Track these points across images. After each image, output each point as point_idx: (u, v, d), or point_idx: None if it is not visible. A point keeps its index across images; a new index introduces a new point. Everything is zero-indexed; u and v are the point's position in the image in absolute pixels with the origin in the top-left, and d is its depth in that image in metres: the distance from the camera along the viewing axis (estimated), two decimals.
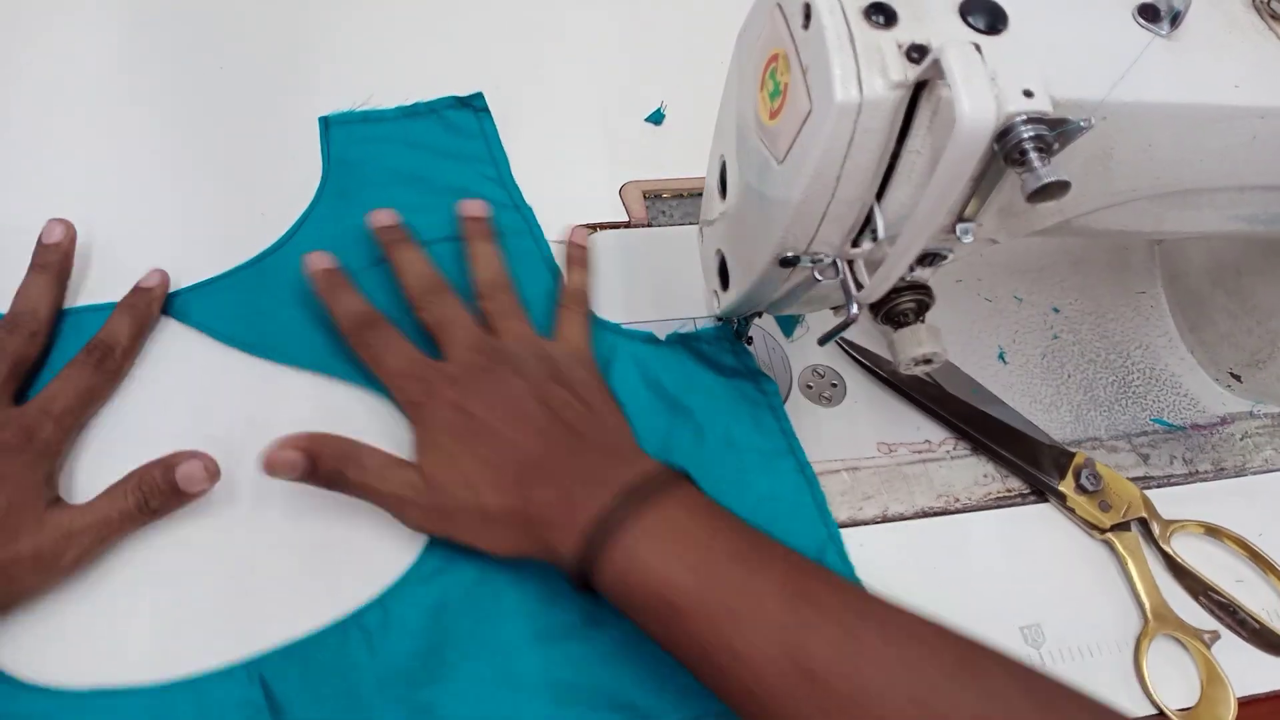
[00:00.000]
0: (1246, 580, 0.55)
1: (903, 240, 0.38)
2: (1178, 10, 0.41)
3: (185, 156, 0.63)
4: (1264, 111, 0.42)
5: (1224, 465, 0.60)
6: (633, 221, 0.64)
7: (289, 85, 0.67)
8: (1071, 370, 0.62)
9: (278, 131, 0.64)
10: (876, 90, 0.36)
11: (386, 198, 0.60)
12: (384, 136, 0.64)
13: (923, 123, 0.37)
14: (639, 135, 0.68)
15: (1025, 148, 0.34)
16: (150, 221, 0.59)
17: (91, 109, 0.64)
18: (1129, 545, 0.54)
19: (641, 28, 0.75)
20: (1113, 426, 0.60)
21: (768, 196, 0.42)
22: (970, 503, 0.56)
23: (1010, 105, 0.34)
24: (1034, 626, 0.52)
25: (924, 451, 0.57)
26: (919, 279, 0.44)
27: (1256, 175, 0.45)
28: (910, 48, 0.36)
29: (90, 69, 0.66)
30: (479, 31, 0.72)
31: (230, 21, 0.70)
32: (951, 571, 0.53)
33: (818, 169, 0.38)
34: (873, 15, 0.37)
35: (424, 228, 0.58)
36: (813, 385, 0.59)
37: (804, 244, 0.42)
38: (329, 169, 0.62)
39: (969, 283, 0.65)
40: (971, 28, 0.37)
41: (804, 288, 0.47)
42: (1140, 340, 0.65)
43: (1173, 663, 0.52)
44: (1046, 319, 0.65)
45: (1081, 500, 0.55)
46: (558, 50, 0.72)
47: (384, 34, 0.71)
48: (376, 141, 0.64)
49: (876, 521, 0.54)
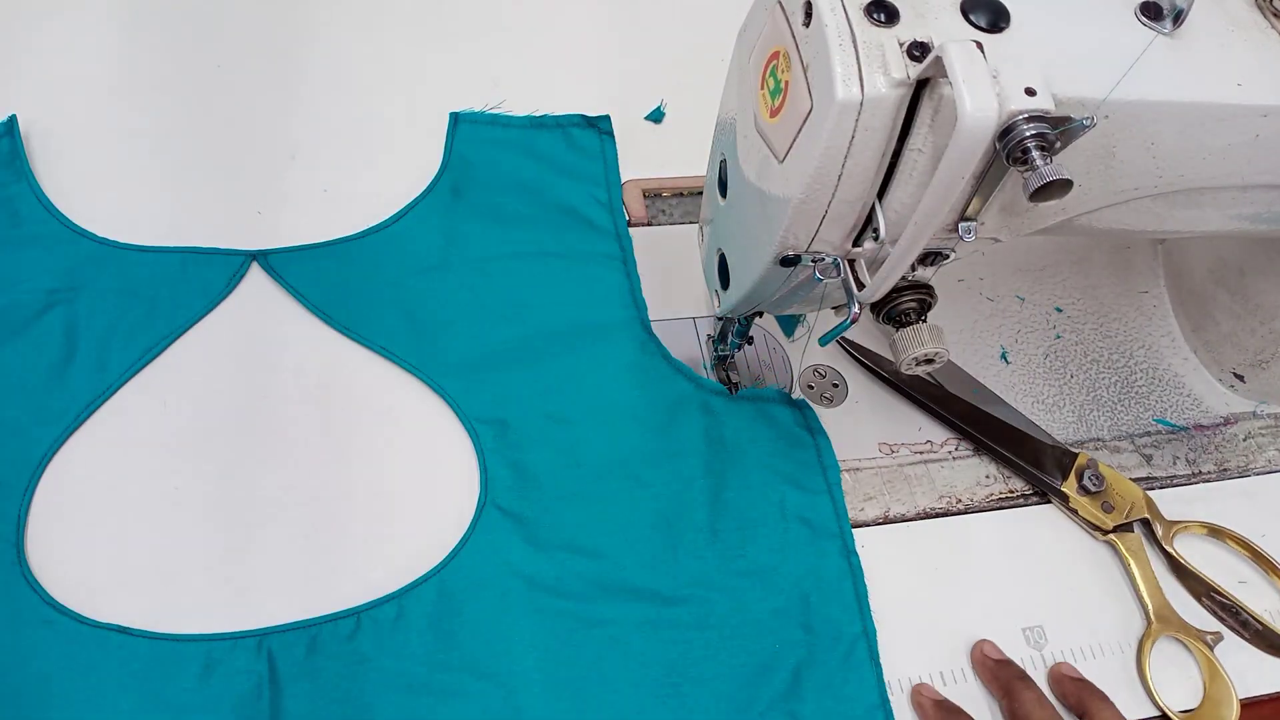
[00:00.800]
0: (1250, 581, 0.55)
1: (904, 239, 0.38)
2: (1180, 8, 0.41)
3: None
4: (1267, 110, 0.42)
5: (1227, 466, 0.59)
6: (633, 220, 0.64)
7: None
8: (1074, 370, 0.62)
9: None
10: (878, 88, 0.36)
11: (496, 202, 0.62)
12: (508, 142, 0.65)
13: (924, 121, 0.37)
14: (639, 134, 0.68)
15: (1027, 146, 0.34)
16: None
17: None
18: (1132, 546, 0.54)
19: (641, 26, 0.75)
20: (1115, 427, 0.60)
21: (768, 195, 0.42)
22: (972, 504, 0.56)
23: (1012, 103, 0.34)
24: (1036, 628, 0.52)
25: (926, 452, 0.57)
26: (921, 278, 0.44)
27: (1259, 174, 0.44)
28: (912, 45, 0.36)
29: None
30: (479, 31, 0.72)
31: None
32: (954, 573, 0.53)
33: (819, 167, 0.38)
34: (874, 13, 0.36)
35: (523, 240, 0.60)
36: (814, 385, 0.59)
37: (805, 243, 0.42)
38: (448, 162, 0.64)
39: (971, 282, 0.65)
40: (973, 25, 0.37)
41: (805, 287, 0.46)
42: (1143, 340, 0.65)
43: (1175, 664, 0.51)
44: (1049, 318, 0.64)
45: (1084, 501, 0.55)
46: (558, 48, 0.72)
47: (383, 33, 0.71)
48: (499, 145, 0.65)
49: (878, 523, 0.54)
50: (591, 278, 0.60)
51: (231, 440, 0.53)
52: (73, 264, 0.56)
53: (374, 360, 0.56)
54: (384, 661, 0.46)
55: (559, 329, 0.58)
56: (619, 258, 0.61)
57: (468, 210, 0.61)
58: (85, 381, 0.53)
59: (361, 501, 0.52)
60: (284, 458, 0.52)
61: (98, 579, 0.48)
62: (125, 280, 0.56)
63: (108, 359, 0.54)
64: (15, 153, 0.60)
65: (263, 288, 0.58)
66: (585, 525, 0.51)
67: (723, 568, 0.51)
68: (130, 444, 0.52)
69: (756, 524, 0.53)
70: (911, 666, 0.50)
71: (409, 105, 0.67)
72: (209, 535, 0.50)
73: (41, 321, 0.54)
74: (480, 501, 0.51)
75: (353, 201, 0.61)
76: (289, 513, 0.51)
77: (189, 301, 0.56)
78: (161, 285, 0.56)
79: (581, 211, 0.62)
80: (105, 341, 0.54)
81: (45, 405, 0.52)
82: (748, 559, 0.51)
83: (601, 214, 0.63)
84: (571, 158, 0.65)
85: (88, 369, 0.53)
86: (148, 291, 0.56)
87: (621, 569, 0.50)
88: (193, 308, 0.56)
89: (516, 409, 0.55)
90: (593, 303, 0.59)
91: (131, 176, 0.61)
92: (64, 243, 0.57)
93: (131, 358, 0.54)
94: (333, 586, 0.49)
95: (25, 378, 0.52)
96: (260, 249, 0.58)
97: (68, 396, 0.52)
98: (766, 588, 0.51)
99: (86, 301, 0.55)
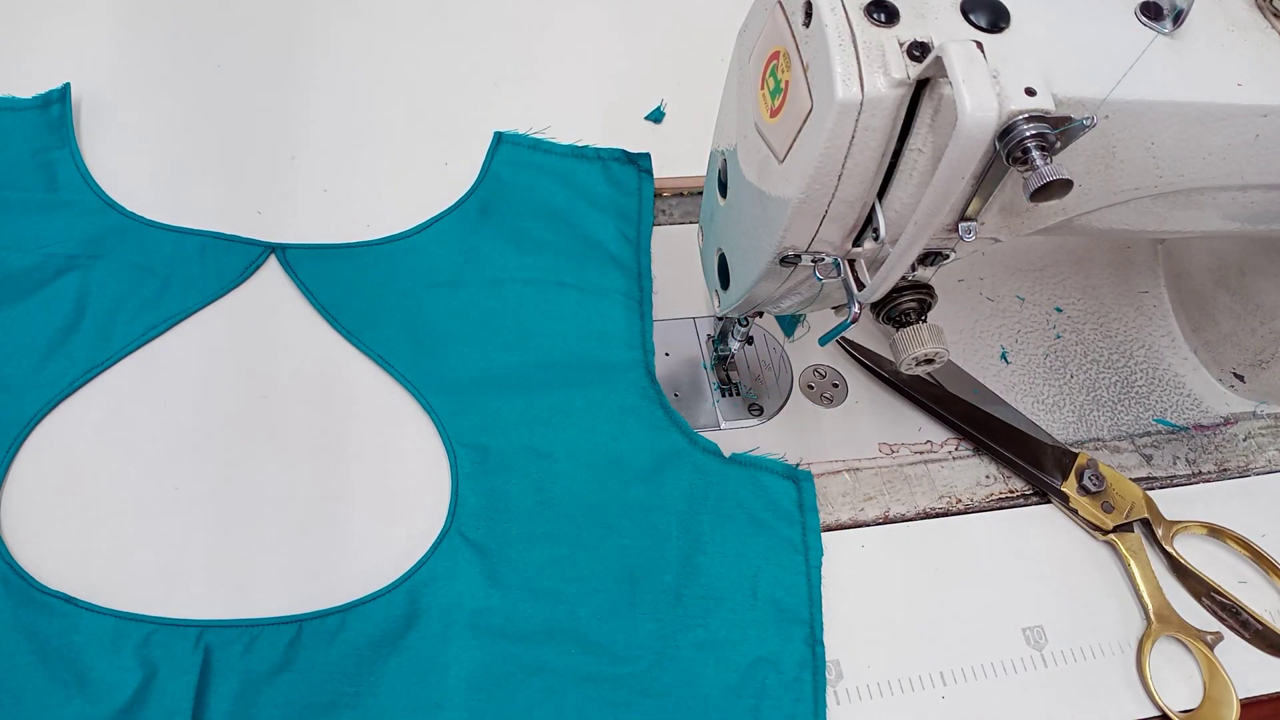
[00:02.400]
0: (1250, 581, 0.55)
1: (904, 239, 0.38)
2: (1180, 9, 0.41)
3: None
4: (1267, 110, 0.42)
5: (1227, 466, 0.59)
6: None
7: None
8: (1074, 370, 0.62)
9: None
10: (878, 88, 0.36)
11: (522, 226, 0.61)
12: (546, 168, 0.64)
13: (924, 121, 0.37)
14: (639, 134, 0.68)
15: (1027, 146, 0.34)
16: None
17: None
18: (1132, 546, 0.54)
19: (641, 26, 0.74)
20: (1116, 427, 0.60)
21: (768, 195, 0.42)
22: (972, 504, 0.56)
23: (1012, 103, 0.34)
24: (1036, 628, 0.52)
25: (926, 452, 0.57)
26: (921, 278, 0.44)
27: (1259, 174, 0.44)
28: (912, 45, 0.36)
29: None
30: (479, 30, 0.72)
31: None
32: (953, 573, 0.53)
33: (819, 167, 0.38)
34: (874, 13, 0.36)
35: (542, 267, 0.59)
36: (814, 385, 0.59)
37: (805, 243, 0.42)
38: (482, 180, 0.63)
39: (971, 282, 0.65)
40: (973, 25, 0.37)
41: (805, 287, 0.46)
42: (1143, 340, 0.65)
43: (1175, 664, 0.51)
44: (1049, 318, 0.64)
45: (1084, 501, 0.55)
46: (558, 48, 0.72)
47: (381, 34, 0.71)
48: (537, 170, 0.64)
49: (878, 523, 0.54)
50: (603, 314, 0.58)
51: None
52: (98, 233, 0.57)
53: (370, 368, 0.56)
54: (313, 674, 0.46)
55: (559, 361, 0.56)
56: (636, 298, 0.59)
57: (492, 230, 0.61)
58: (86, 349, 0.53)
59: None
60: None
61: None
62: (144, 255, 0.57)
63: (112, 330, 0.54)
64: (64, 120, 0.61)
65: (275, 282, 0.58)
66: (546, 567, 0.50)
67: (680, 635, 0.49)
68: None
69: (724, 596, 0.50)
70: (910, 667, 0.50)
71: (409, 106, 0.67)
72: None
73: (55, 284, 0.55)
74: (445, 527, 0.50)
75: (365, 205, 0.62)
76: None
77: (202, 285, 0.57)
78: (178, 265, 0.57)
79: (607, 246, 0.61)
80: (113, 312, 0.55)
81: (43, 367, 0.52)
82: (708, 630, 0.49)
83: (627, 251, 0.61)
84: (607, 192, 0.64)
85: (90, 337, 0.54)
86: (163, 270, 0.56)
87: (575, 618, 0.49)
88: (204, 292, 0.56)
89: (500, 436, 0.53)
90: (600, 339, 0.57)
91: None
92: (93, 212, 0.58)
93: (136, 332, 0.54)
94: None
95: (30, 337, 0.53)
96: (280, 242, 0.59)
97: (66, 361, 0.53)
98: (721, 664, 0.48)
99: (102, 271, 0.56)
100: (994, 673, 0.50)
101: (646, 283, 0.60)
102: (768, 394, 0.58)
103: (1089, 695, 0.50)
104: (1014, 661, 0.51)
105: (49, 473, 0.50)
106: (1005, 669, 0.50)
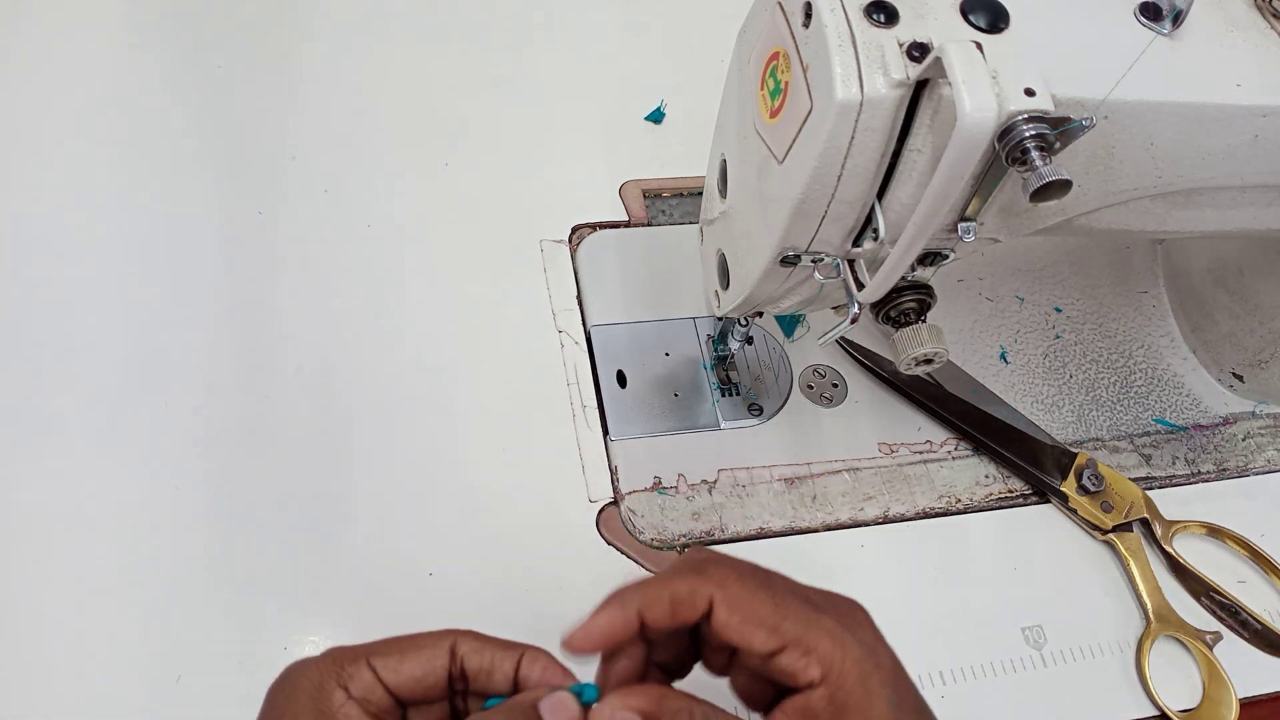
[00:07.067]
0: (1249, 581, 0.55)
1: (904, 240, 0.38)
2: (1179, 9, 0.41)
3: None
4: (1266, 110, 0.42)
5: (1226, 466, 0.59)
6: (632, 220, 0.64)
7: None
8: (1073, 370, 0.62)
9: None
10: (877, 89, 0.36)
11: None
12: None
13: (924, 121, 0.37)
14: (639, 134, 0.68)
15: (1027, 146, 0.34)
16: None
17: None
18: (1131, 546, 0.54)
19: (641, 26, 0.74)
20: (1115, 427, 0.60)
21: (768, 195, 0.42)
22: (972, 503, 0.56)
23: (1012, 104, 0.34)
24: (1035, 628, 0.52)
25: (925, 452, 0.57)
26: (920, 279, 0.44)
27: (1258, 174, 0.44)
28: (911, 46, 0.36)
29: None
30: (479, 30, 0.72)
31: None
32: (953, 572, 0.53)
33: (818, 168, 0.38)
34: (874, 13, 0.36)
35: None
36: (813, 385, 0.59)
37: (805, 243, 0.42)
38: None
39: (970, 282, 0.65)
40: (973, 26, 0.37)
41: (805, 287, 0.46)
42: (1142, 340, 0.65)
43: (1174, 664, 0.51)
44: (1048, 319, 0.64)
45: (1083, 501, 0.55)
46: (557, 48, 0.72)
47: (381, 34, 0.71)
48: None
49: (878, 522, 0.54)
50: None
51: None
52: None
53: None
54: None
55: None
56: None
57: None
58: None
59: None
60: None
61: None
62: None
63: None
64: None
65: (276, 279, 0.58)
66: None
67: None
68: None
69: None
70: (910, 667, 0.50)
71: (410, 106, 0.67)
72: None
73: None
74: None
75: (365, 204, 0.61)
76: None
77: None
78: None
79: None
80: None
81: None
82: None
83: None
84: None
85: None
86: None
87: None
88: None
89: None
90: None
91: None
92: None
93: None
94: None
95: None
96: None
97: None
98: None
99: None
100: (993, 672, 0.50)
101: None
102: (768, 394, 0.59)
103: (1088, 695, 0.50)
104: (1013, 661, 0.51)
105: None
106: (1004, 668, 0.50)
